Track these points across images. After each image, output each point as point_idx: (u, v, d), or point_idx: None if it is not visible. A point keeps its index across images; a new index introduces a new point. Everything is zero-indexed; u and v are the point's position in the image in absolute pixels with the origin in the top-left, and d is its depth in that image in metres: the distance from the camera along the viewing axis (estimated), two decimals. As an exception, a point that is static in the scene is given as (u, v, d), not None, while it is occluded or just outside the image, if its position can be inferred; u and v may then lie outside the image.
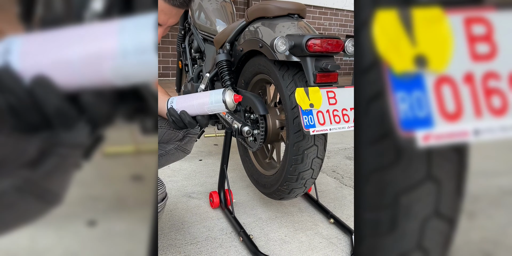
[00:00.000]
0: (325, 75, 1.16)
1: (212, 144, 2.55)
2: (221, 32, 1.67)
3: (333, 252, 1.34)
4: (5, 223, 0.51)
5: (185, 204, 1.64)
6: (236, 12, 2.47)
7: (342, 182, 2.01)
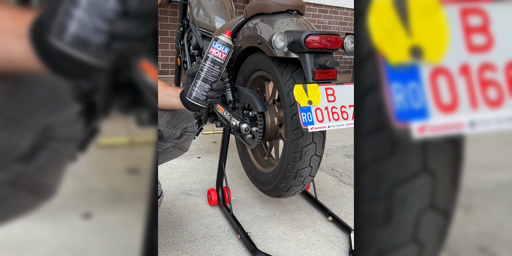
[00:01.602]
0: (324, 72, 1.16)
1: (211, 141, 2.55)
2: (220, 29, 1.66)
3: (331, 250, 1.34)
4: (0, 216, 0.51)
5: (183, 201, 1.64)
6: (236, 9, 2.46)
7: (340, 180, 2.00)
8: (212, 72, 0.97)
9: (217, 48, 0.97)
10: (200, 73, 0.98)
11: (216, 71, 0.97)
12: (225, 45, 0.97)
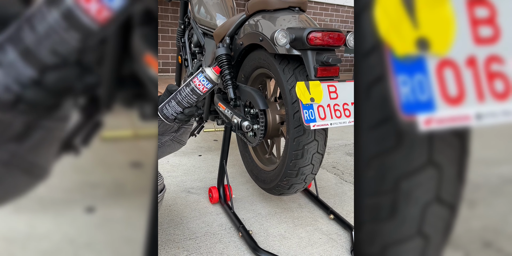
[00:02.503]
0: (326, 69, 1.16)
1: (212, 139, 2.55)
2: (221, 26, 1.66)
3: (333, 248, 1.33)
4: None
5: (184, 199, 1.64)
6: (237, 7, 2.46)
7: (342, 178, 2.00)
8: (188, 99, 0.97)
9: (201, 80, 0.96)
10: (177, 95, 0.97)
11: (192, 100, 0.97)
12: (209, 80, 0.96)
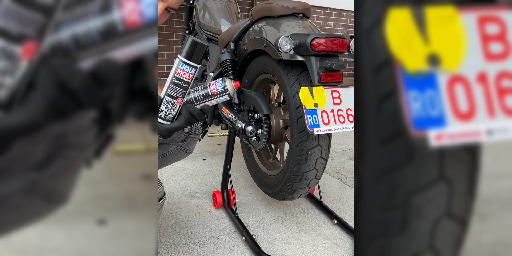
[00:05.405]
0: (329, 74, 1.16)
1: (216, 143, 2.55)
2: (226, 32, 1.66)
3: (336, 253, 1.33)
4: (14, 223, 0.52)
5: (188, 203, 1.64)
6: (241, 12, 2.47)
7: (346, 183, 2.00)
8: (197, 96, 0.99)
9: (217, 87, 0.99)
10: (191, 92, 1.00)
11: (201, 97, 1.00)
12: (224, 91, 1.00)
